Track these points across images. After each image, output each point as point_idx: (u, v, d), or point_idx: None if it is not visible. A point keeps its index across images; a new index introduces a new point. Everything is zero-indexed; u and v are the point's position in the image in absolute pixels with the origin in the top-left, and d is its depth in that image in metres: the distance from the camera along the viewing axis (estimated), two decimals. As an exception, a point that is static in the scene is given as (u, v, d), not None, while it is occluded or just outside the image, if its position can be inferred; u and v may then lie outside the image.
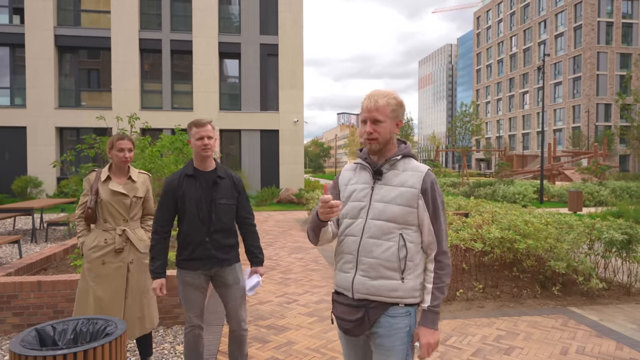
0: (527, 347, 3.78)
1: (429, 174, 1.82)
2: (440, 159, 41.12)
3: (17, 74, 19.17)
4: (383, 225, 1.78)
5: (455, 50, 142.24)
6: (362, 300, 1.78)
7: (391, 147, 1.88)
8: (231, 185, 2.84)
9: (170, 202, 2.73)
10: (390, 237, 1.77)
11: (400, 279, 1.76)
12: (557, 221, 5.87)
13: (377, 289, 1.76)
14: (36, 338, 1.81)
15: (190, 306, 2.78)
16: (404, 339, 1.78)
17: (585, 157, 32.03)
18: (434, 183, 1.81)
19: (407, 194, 1.78)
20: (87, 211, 2.96)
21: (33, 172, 18.68)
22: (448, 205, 9.18)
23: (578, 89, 60.19)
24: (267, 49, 20.51)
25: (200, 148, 2.69)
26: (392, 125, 1.83)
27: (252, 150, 20.50)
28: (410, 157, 1.89)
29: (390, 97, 1.82)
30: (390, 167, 1.85)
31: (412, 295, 1.78)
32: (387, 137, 1.83)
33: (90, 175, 3.08)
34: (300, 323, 4.33)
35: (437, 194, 1.82)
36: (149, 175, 3.28)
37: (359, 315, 1.77)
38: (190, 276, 2.75)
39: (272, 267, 6.72)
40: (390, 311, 1.77)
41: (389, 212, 1.78)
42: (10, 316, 4.02)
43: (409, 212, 1.78)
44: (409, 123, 48.83)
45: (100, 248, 2.94)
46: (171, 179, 2.76)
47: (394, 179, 1.82)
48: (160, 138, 7.71)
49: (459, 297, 5.11)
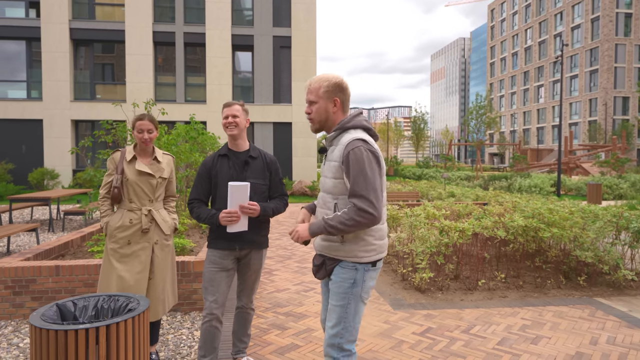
0: (555, 337, 3.65)
1: (350, 144, 1.96)
2: (453, 153, 40.65)
3: (34, 68, 19.36)
4: (323, 196, 2.12)
5: (468, 44, 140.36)
6: (321, 255, 2.18)
7: (334, 125, 2.09)
8: (263, 165, 2.83)
9: (204, 181, 2.79)
10: (328, 206, 2.08)
11: (339, 241, 2.06)
12: (582, 210, 5.69)
13: (325, 248, 2.13)
14: (57, 313, 1.75)
15: (213, 289, 2.71)
16: (346, 288, 2.08)
17: (603, 150, 31.34)
18: (351, 152, 1.94)
19: (334, 168, 2.02)
20: (114, 191, 2.90)
21: (49, 164, 18.91)
22: (465, 197, 9.02)
23: (595, 81, 58.91)
24: (280, 41, 20.40)
25: (225, 126, 2.77)
26: (326, 105, 2.05)
27: (265, 142, 20.46)
28: (350, 129, 2.05)
29: (324, 79, 2.05)
30: (330, 143, 2.11)
31: (353, 255, 2.06)
32: (323, 116, 2.07)
33: (115, 155, 3.02)
34: (319, 310, 4.25)
35: (352, 161, 1.93)
36: (173, 156, 3.22)
37: (318, 263, 2.19)
38: (219, 256, 2.73)
39: (287, 257, 6.66)
40: (342, 264, 2.10)
41: (325, 185, 2.09)
42: (29, 300, 4.01)
43: (336, 183, 2.02)
44: (423, 117, 48.20)
45: (126, 228, 2.90)
46: (207, 160, 2.84)
47: (330, 154, 2.08)
48: (176, 127, 7.69)
49: (480, 286, 4.98)
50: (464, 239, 4.86)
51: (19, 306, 3.99)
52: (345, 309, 2.09)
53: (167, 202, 3.21)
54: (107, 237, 2.95)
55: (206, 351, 2.74)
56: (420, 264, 4.77)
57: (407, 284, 5.15)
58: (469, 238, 4.90)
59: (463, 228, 4.88)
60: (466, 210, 6.23)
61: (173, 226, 3.11)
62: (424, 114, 47.20)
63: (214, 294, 2.70)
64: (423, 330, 3.77)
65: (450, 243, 4.82)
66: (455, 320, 4.00)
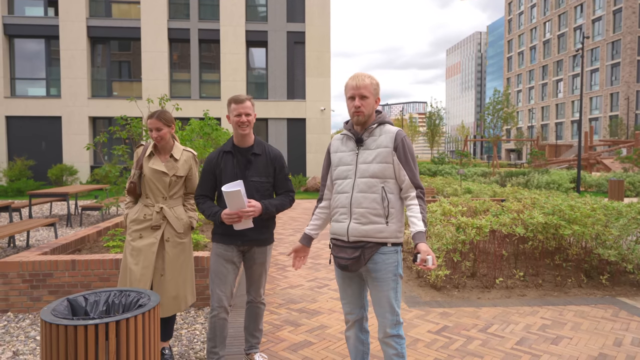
0: (576, 337, 3.53)
1: (399, 133, 2.24)
2: (468, 149, 40.08)
3: (52, 66, 19.71)
4: (367, 181, 2.20)
5: (484, 38, 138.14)
6: (356, 242, 2.20)
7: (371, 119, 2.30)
8: (266, 162, 2.78)
9: (209, 178, 2.77)
10: (374, 190, 2.18)
11: (385, 223, 2.17)
12: (604, 207, 5.51)
13: (367, 232, 2.17)
14: (68, 308, 1.74)
15: (220, 282, 2.70)
16: (393, 272, 2.21)
17: (624, 146, 30.53)
18: (403, 139, 2.23)
19: (383, 153, 2.20)
20: (130, 185, 2.96)
21: (68, 160, 19.25)
22: (482, 193, 8.86)
23: (617, 75, 57.37)
24: (294, 36, 20.35)
25: (237, 124, 2.70)
26: (374, 101, 2.26)
27: (279, 138, 20.47)
28: (385, 123, 2.30)
29: (372, 78, 2.26)
30: (369, 134, 2.27)
31: (396, 236, 2.21)
32: (371, 110, 2.25)
33: (139, 149, 3.06)
34: (333, 307, 4.21)
35: (406, 148, 2.22)
36: (194, 153, 3.16)
37: (356, 254, 2.19)
38: (224, 249, 2.74)
39: (301, 253, 6.62)
40: (382, 249, 2.19)
41: (371, 170, 2.20)
42: (46, 294, 4.06)
43: (386, 167, 2.19)
44: (439, 112, 47.59)
45: (140, 222, 2.93)
46: (211, 156, 2.81)
47: (372, 143, 2.25)
48: (190, 123, 7.71)
49: (498, 285, 4.87)
50: (481, 236, 4.75)
51: (37, 300, 4.05)
52: (395, 293, 2.21)
53: (188, 198, 3.16)
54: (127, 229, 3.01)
55: (217, 342, 2.74)
56: (437, 261, 4.68)
57: (423, 281, 5.06)
58: (486, 235, 4.79)
59: (480, 225, 4.77)
60: (483, 207, 6.10)
61: (188, 224, 3.06)
62: (439, 109, 46.61)
63: (220, 286, 2.70)
64: (439, 328, 3.69)
65: (467, 240, 4.71)
66: (472, 319, 3.91)
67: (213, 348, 2.75)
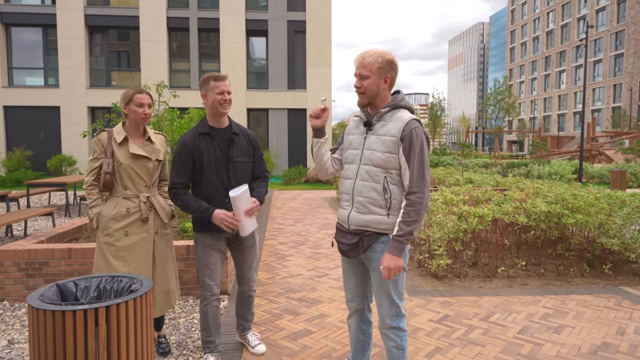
0: (579, 327, 3.48)
1: (410, 122, 2.02)
2: (470, 140, 39.96)
3: (50, 55, 19.53)
4: (370, 169, 2.06)
5: (487, 28, 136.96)
6: (356, 231, 2.12)
7: (382, 100, 2.09)
8: (247, 142, 2.71)
9: (187, 164, 2.53)
10: (376, 179, 2.05)
11: (386, 214, 2.05)
12: (607, 196, 5.44)
13: (366, 222, 2.08)
14: (57, 293, 1.68)
15: (211, 271, 2.63)
16: None
17: (627, 137, 30.36)
18: (414, 130, 2.00)
19: (388, 142, 2.02)
20: (105, 177, 2.58)
21: (67, 150, 19.17)
22: (484, 183, 8.78)
23: (620, 66, 56.91)
24: (294, 25, 20.12)
25: (219, 103, 2.52)
26: (378, 81, 2.04)
27: (279, 129, 20.35)
28: (401, 108, 2.09)
29: (378, 55, 2.02)
30: (379, 118, 2.10)
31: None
32: (374, 91, 2.05)
33: (101, 136, 2.65)
34: (332, 296, 4.16)
35: (414, 141, 1.99)
36: (165, 135, 2.94)
37: (354, 241, 2.13)
38: (212, 238, 2.64)
39: (301, 242, 6.58)
40: (382, 239, 2.09)
41: (374, 158, 2.05)
42: (42, 283, 4.01)
43: (390, 157, 2.03)
44: (440, 103, 47.31)
45: (122, 218, 2.60)
46: (186, 139, 2.54)
47: (380, 129, 2.07)
48: (189, 112, 7.62)
49: (500, 274, 4.82)
50: (483, 225, 4.69)
51: (33, 288, 4.00)
52: (395, 283, 2.13)
53: (162, 186, 2.94)
54: (99, 231, 2.64)
55: (212, 331, 2.70)
56: (438, 250, 4.62)
57: (424, 270, 5.01)
58: (488, 224, 4.73)
59: (482, 214, 4.70)
60: (485, 196, 6.03)
61: (170, 213, 2.84)
62: (441, 100, 46.33)
63: (211, 275, 2.64)
64: (440, 317, 3.65)
65: (469, 229, 4.65)
66: (473, 308, 3.86)
67: (208, 337, 2.70)
